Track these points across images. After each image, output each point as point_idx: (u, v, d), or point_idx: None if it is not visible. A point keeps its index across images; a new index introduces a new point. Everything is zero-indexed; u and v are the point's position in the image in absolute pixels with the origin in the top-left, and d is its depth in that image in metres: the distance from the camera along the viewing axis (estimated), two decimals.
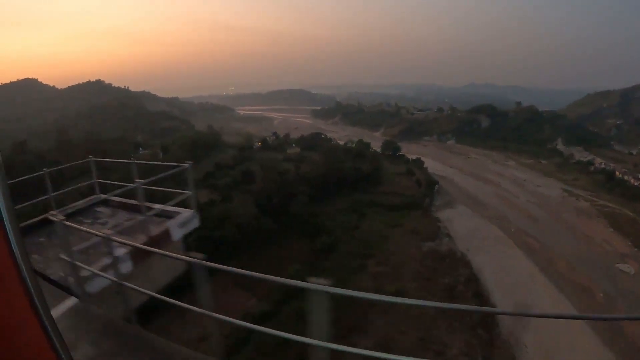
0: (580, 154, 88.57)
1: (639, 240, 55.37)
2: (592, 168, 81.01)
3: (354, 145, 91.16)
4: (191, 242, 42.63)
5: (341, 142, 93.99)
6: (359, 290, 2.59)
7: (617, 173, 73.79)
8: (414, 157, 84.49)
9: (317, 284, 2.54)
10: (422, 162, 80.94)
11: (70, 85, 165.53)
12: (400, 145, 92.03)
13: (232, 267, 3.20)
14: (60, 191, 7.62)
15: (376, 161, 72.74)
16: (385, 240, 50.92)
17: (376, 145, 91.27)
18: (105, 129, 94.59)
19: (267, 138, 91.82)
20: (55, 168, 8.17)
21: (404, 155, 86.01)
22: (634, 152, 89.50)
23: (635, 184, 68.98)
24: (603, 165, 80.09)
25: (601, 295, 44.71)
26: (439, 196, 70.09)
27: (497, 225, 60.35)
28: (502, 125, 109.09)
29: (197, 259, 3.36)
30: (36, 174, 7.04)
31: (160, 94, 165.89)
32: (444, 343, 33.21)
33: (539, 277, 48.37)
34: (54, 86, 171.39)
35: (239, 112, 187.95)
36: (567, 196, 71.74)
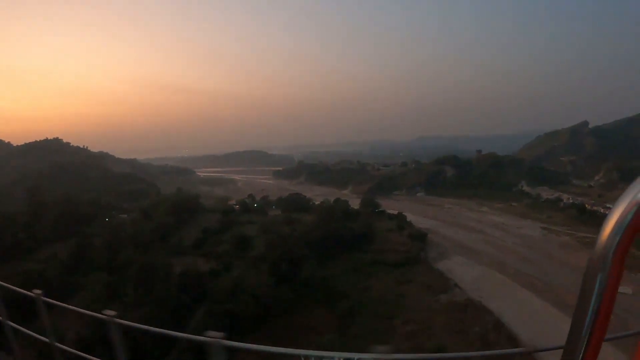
0: (546, 193, 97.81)
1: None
2: (561, 204, 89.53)
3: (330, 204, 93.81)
4: (201, 319, 41.14)
5: (317, 202, 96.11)
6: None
7: (586, 205, 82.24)
8: (394, 212, 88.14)
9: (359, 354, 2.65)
10: (405, 217, 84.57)
11: (27, 142, 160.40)
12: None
13: (252, 343, 3.23)
14: None
15: (367, 219, 74.96)
16: (402, 297, 51.68)
17: (352, 204, 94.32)
18: (69, 190, 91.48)
19: (246, 200, 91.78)
20: None
21: (384, 211, 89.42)
22: (592, 184, 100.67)
23: (606, 213, 76.80)
24: (571, 200, 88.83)
25: (611, 317, 48.06)
26: (431, 249, 73.02)
27: (496, 270, 63.66)
28: (467, 174, 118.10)
29: (215, 337, 3.14)
30: None
31: (118, 155, 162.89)
32: None
33: (553, 310, 51.19)
34: (9, 142, 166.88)
35: (199, 174, 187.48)
36: (547, 234, 78.07)
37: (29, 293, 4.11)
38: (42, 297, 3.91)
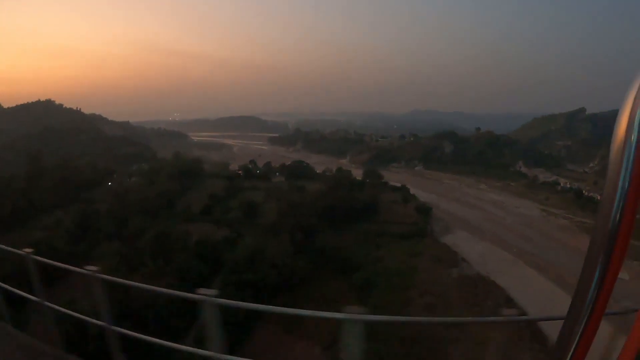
0: (543, 175, 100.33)
1: None
2: (559, 187, 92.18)
3: (331, 173, 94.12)
4: (222, 288, 41.16)
5: (318, 171, 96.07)
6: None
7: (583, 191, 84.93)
8: (397, 184, 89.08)
9: (351, 313, 2.83)
10: (409, 190, 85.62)
11: (18, 104, 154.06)
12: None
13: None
14: None
15: (373, 190, 75.52)
16: (415, 270, 53.00)
17: (354, 174, 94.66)
18: (61, 154, 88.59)
19: (249, 166, 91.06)
20: None
21: (387, 182, 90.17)
22: (587, 170, 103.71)
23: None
24: (568, 185, 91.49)
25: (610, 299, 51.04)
26: (435, 223, 74.53)
27: (500, 247, 65.77)
28: (465, 150, 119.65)
29: (207, 295, 3.30)
30: None
31: (110, 117, 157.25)
32: None
33: (557, 289, 53.71)
34: None
35: (193, 138, 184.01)
36: (546, 215, 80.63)
37: (19, 252, 4.23)
38: (32, 256, 4.04)
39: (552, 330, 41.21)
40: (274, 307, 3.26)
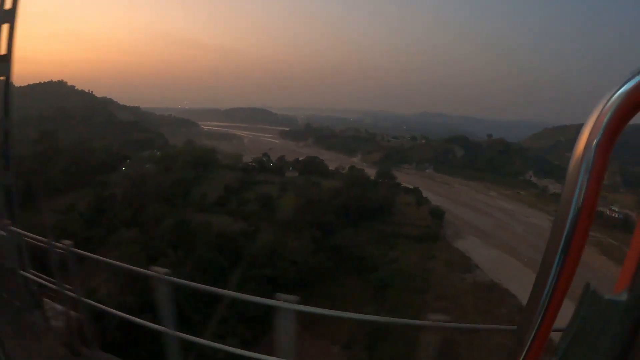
0: (553, 186, 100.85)
1: None
2: None
3: (344, 171, 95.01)
4: (242, 281, 41.62)
5: (331, 168, 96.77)
6: None
7: None
8: (409, 186, 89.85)
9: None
10: (421, 192, 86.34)
11: (30, 83, 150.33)
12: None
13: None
14: None
15: (388, 191, 76.23)
16: (429, 273, 53.93)
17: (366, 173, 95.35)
18: (73, 136, 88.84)
19: (263, 159, 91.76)
20: None
21: (400, 183, 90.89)
22: None
23: (612, 215, 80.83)
24: None
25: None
26: (447, 227, 75.35)
27: (511, 256, 66.63)
28: (475, 156, 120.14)
29: (159, 272, 3.36)
30: None
31: (121, 102, 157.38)
32: None
33: (568, 302, 54.70)
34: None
35: (203, 127, 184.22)
36: None
37: (59, 244, 4.14)
38: (71, 249, 3.96)
39: None
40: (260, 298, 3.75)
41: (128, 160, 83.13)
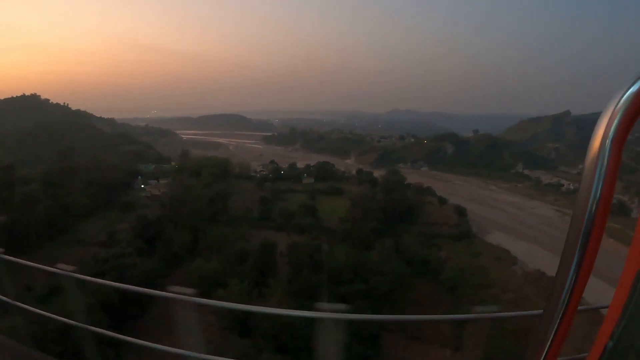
0: (545, 177, 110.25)
1: None
2: (563, 189, 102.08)
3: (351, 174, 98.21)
4: (335, 299, 42.82)
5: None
6: None
7: None
8: (422, 185, 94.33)
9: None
10: (434, 191, 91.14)
11: (3, 98, 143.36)
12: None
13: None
14: None
15: (418, 193, 79.86)
16: (483, 269, 58.11)
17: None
18: (59, 151, 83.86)
19: (278, 167, 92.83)
20: None
21: (410, 184, 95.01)
22: (579, 172, 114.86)
23: None
24: (572, 186, 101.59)
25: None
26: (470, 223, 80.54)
27: (537, 246, 72.76)
28: (466, 152, 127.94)
29: (65, 270, 3.43)
30: None
31: (95, 113, 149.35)
32: None
33: (600, 282, 61.23)
34: None
35: (182, 136, 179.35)
36: (561, 215, 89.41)
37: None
38: (74, 274, 3.72)
39: None
40: (397, 315, 4.04)
41: (139, 177, 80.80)
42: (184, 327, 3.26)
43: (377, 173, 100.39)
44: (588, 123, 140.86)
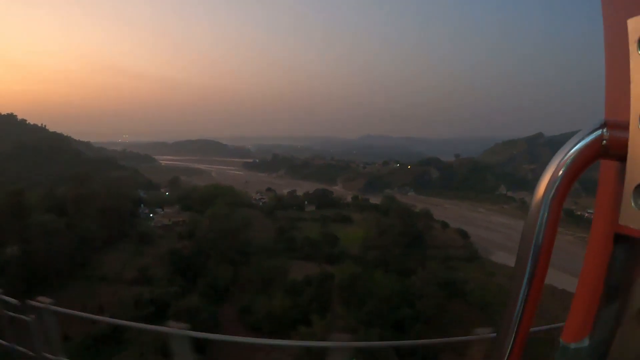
0: (528, 198, 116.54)
1: None
2: None
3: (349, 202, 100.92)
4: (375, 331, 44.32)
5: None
6: None
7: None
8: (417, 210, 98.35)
9: None
10: (432, 215, 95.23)
11: None
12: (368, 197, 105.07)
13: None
14: None
15: (425, 218, 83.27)
16: (502, 287, 61.56)
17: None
18: (45, 175, 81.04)
19: (279, 195, 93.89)
20: None
21: (407, 208, 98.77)
22: None
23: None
24: None
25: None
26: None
27: None
28: (450, 176, 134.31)
29: (44, 303, 3.58)
30: None
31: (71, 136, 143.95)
32: None
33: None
34: None
35: (160, 162, 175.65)
36: None
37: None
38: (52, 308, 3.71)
39: None
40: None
41: (142, 204, 79.19)
42: None
43: (372, 199, 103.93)
44: (561, 144, 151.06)
